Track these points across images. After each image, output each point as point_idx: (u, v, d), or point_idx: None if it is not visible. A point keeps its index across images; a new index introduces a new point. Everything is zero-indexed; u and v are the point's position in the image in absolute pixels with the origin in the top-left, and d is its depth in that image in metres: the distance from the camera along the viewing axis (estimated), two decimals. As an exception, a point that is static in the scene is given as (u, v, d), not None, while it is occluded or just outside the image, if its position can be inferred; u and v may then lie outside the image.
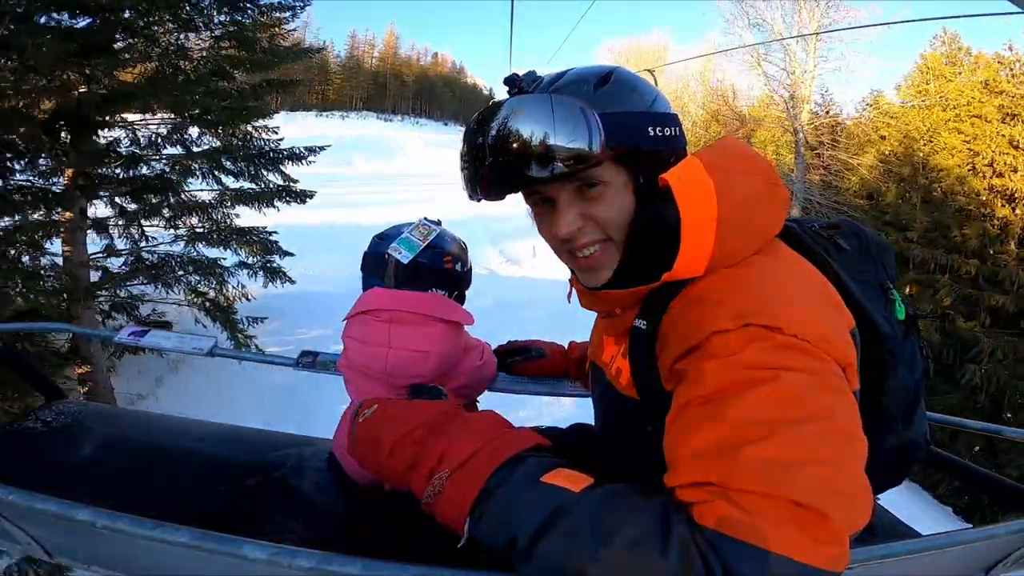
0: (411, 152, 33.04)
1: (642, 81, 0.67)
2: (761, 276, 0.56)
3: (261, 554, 0.56)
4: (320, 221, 13.03)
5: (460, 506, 0.52)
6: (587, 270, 0.67)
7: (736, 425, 0.45)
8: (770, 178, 0.62)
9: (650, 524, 0.44)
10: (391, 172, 26.02)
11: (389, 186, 20.98)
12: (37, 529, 0.75)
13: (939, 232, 8.98)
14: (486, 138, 0.61)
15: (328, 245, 11.57)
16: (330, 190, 15.42)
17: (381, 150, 31.68)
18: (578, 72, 0.65)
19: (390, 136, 37.59)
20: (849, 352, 0.52)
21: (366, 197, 17.41)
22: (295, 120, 38.44)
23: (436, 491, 0.54)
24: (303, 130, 29.27)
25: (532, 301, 10.00)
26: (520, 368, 1.27)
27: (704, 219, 0.56)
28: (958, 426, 1.25)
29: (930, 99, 10.62)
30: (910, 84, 12.01)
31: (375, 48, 63.33)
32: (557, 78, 0.65)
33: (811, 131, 13.75)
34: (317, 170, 8.12)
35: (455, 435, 0.58)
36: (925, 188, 9.58)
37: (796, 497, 0.41)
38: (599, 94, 0.62)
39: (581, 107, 0.59)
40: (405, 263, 0.98)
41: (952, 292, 8.19)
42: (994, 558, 0.84)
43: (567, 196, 0.63)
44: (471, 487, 0.52)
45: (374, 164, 27.47)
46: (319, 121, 42.29)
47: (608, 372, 0.70)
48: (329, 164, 26.37)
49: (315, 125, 36.08)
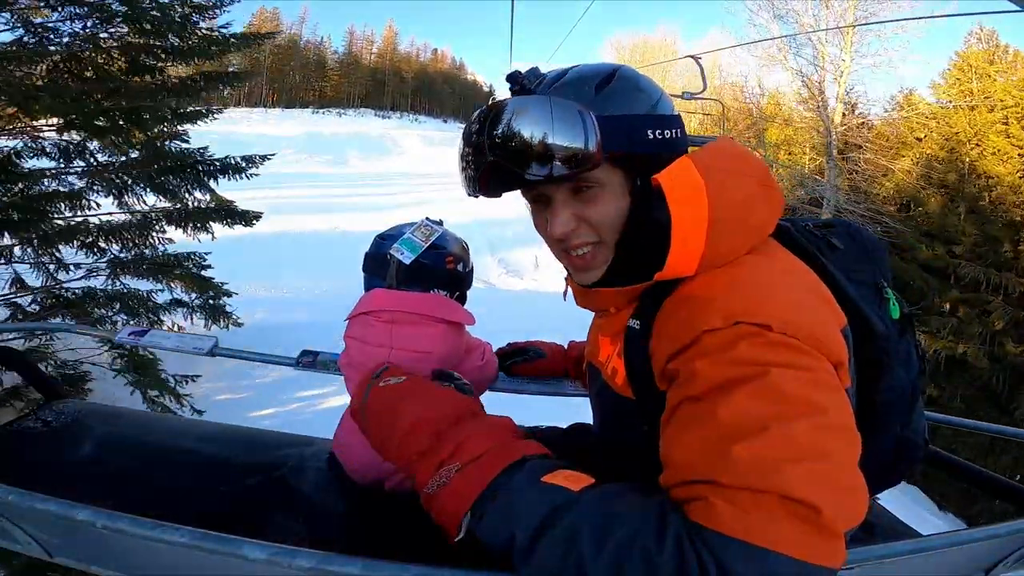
0: (409, 150, 32.41)
1: (646, 81, 0.66)
2: (752, 275, 0.56)
3: (261, 554, 0.56)
4: (304, 227, 11.91)
5: (464, 500, 0.53)
6: (579, 269, 0.68)
7: (727, 423, 0.45)
8: (764, 179, 0.62)
9: (646, 523, 0.44)
10: (387, 171, 25.19)
11: (383, 187, 19.78)
12: (37, 529, 0.75)
13: (989, 247, 8.19)
14: (485, 137, 0.61)
15: (310, 258, 10.04)
16: (317, 191, 14.95)
17: (378, 148, 30.90)
18: (581, 71, 0.65)
19: (388, 133, 36.87)
20: (840, 350, 0.52)
21: (357, 199, 16.03)
22: (278, 118, 38.04)
23: (442, 482, 0.55)
24: (286, 128, 28.74)
25: (535, 317, 7.59)
26: (519, 369, 1.28)
27: (695, 219, 0.56)
28: (959, 426, 1.25)
29: (974, 99, 9.78)
30: (950, 83, 10.92)
31: (374, 44, 62.80)
32: (560, 76, 0.65)
33: (842, 132, 12.50)
34: (307, 169, 7.68)
35: (472, 432, 0.59)
36: (973, 197, 8.72)
37: (789, 492, 0.41)
38: (601, 95, 0.62)
39: (579, 110, 0.59)
40: (407, 264, 0.98)
41: (1005, 314, 7.40)
42: (995, 558, 0.84)
43: (562, 196, 0.64)
44: (478, 482, 0.53)
45: (370, 163, 26.75)
46: (315, 119, 41.64)
47: (604, 372, 0.70)
48: (321, 164, 25.17)
49: (272, 123, 34.93)
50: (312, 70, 55.99)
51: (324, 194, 15.36)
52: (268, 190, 10.94)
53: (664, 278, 0.58)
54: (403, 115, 57.22)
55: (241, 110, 40.33)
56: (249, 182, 6.01)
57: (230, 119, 34.65)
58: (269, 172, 6.45)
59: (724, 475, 0.43)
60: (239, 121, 32.14)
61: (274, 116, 40.13)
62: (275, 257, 7.49)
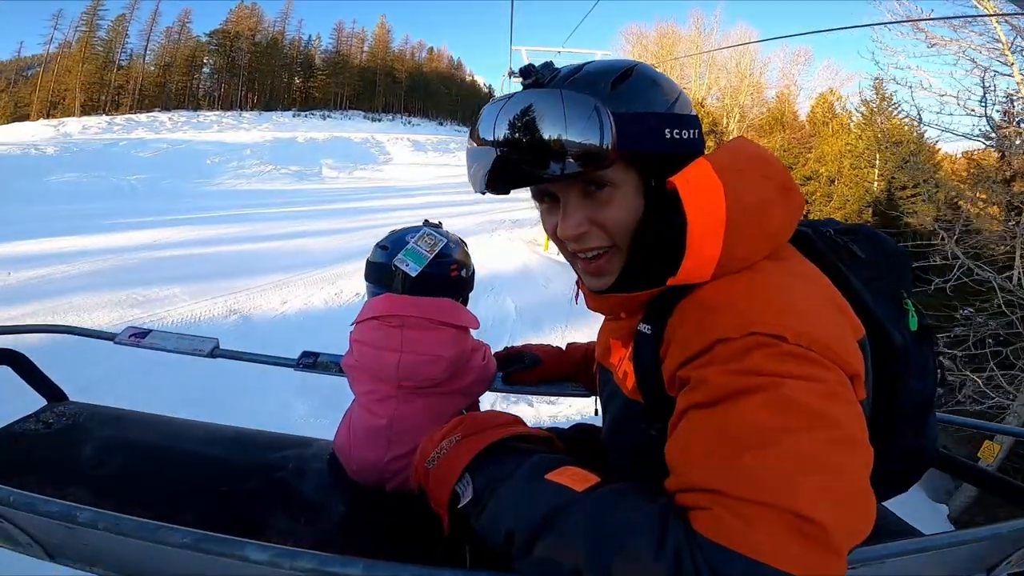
0: (395, 156, 28.59)
1: (664, 79, 0.64)
2: (767, 283, 0.54)
3: (262, 555, 0.56)
4: (179, 309, 5.52)
5: (457, 464, 0.55)
6: (591, 274, 0.66)
7: (738, 432, 0.44)
8: (784, 182, 0.60)
9: (646, 529, 0.43)
10: (365, 184, 20.29)
11: (351, 213, 13.10)
12: (38, 530, 0.75)
13: None
14: (495, 130, 0.59)
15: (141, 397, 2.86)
16: (249, 228, 9.64)
17: (358, 155, 26.40)
18: (597, 66, 0.63)
19: (373, 138, 32.66)
20: (856, 362, 0.51)
21: (308, 241, 9.46)
22: (253, 122, 34.71)
23: (441, 453, 0.57)
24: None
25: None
26: (518, 378, 1.26)
27: (712, 224, 0.54)
28: (960, 426, 1.25)
29: None
30: None
31: (364, 42, 57.53)
32: (575, 71, 0.63)
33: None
34: (264, 184, 6.00)
35: (480, 415, 0.62)
36: None
37: (796, 508, 0.40)
38: (617, 91, 0.60)
39: (596, 105, 0.56)
40: (414, 276, 1.00)
41: None
42: (997, 557, 0.84)
43: (574, 197, 0.62)
44: (472, 447, 0.55)
45: (346, 173, 22.26)
46: (294, 122, 38.42)
47: (616, 375, 0.70)
48: (284, 178, 20.68)
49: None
50: (297, 70, 52.03)
51: (260, 231, 9.93)
52: (176, 228, 9.42)
53: (678, 284, 0.56)
54: (395, 117, 54.67)
55: (214, 113, 38.20)
56: (171, 211, 5.12)
57: (199, 123, 31.40)
58: (215, 189, 4.90)
59: (731, 486, 0.42)
60: (208, 126, 30.06)
61: (248, 120, 36.90)
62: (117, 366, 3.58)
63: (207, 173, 18.25)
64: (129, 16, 40.82)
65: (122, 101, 38.37)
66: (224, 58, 45.72)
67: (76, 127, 25.93)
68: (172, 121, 30.72)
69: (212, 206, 12.86)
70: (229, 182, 17.61)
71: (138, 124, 28.07)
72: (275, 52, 50.06)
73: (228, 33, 46.77)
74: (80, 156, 17.81)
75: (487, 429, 0.59)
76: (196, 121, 31.68)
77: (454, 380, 1.01)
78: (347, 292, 6.64)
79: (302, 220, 11.81)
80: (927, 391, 0.64)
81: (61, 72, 36.73)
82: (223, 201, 14.01)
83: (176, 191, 14.87)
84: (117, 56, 39.90)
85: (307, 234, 10.23)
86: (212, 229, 9.73)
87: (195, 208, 12.49)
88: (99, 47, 39.46)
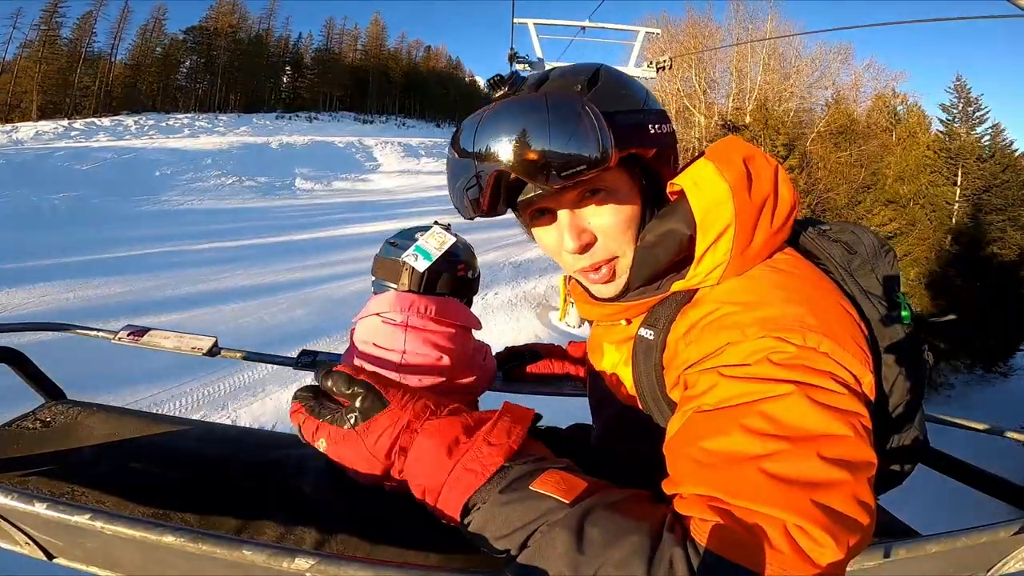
0: (381, 164, 25.48)
1: (628, 77, 0.64)
2: (775, 285, 0.54)
3: (261, 554, 0.56)
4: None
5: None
6: (601, 284, 0.65)
7: (743, 438, 0.43)
8: (777, 180, 0.59)
9: (639, 541, 0.41)
10: (340, 199, 18.02)
11: (313, 248, 10.95)
12: (36, 529, 0.75)
13: None
14: (477, 148, 0.56)
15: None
16: (181, 277, 7.67)
17: (339, 163, 23.35)
18: (562, 71, 0.61)
19: (358, 143, 29.19)
20: (865, 363, 0.51)
21: (252, 286, 7.90)
22: (228, 126, 31.12)
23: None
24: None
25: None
26: (517, 374, 1.27)
27: (721, 227, 0.54)
28: (961, 426, 1.25)
29: None
30: None
31: (358, 40, 54.28)
32: (543, 79, 0.61)
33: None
34: (221, 202, 5.03)
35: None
36: None
37: (800, 519, 0.39)
38: (595, 92, 0.58)
39: (589, 108, 0.54)
40: (421, 271, 1.00)
41: None
42: (996, 557, 0.84)
43: (571, 206, 0.60)
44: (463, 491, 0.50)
45: (322, 186, 19.73)
46: (276, 125, 34.67)
47: (608, 379, 0.69)
48: (249, 192, 17.13)
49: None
50: (283, 69, 48.73)
51: (161, 292, 7.34)
52: (34, 289, 6.56)
53: (685, 288, 0.56)
54: (389, 119, 51.81)
55: (187, 116, 33.75)
56: (72, 248, 3.95)
57: (168, 127, 27.00)
58: (155, 209, 3.81)
59: (734, 492, 0.41)
60: (179, 131, 26.79)
61: (224, 123, 32.81)
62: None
63: (153, 188, 15.34)
64: (96, 13, 37.77)
65: (86, 104, 35.35)
66: (202, 57, 42.90)
67: (30, 132, 22.35)
68: (138, 125, 27.00)
69: (131, 239, 10.21)
70: (176, 199, 14.62)
71: (100, 129, 25.16)
72: (259, 51, 46.95)
73: (207, 30, 43.65)
74: (4, 170, 13.89)
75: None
76: (165, 125, 28.27)
77: (456, 379, 1.01)
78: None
79: (236, 267, 8.86)
80: (919, 382, 0.65)
81: (20, 74, 34.18)
82: (155, 228, 11.40)
83: (105, 213, 12.19)
84: (82, 56, 36.95)
85: (228, 296, 7.23)
86: (91, 289, 6.55)
87: (109, 241, 9.85)
88: (62, 46, 36.54)
